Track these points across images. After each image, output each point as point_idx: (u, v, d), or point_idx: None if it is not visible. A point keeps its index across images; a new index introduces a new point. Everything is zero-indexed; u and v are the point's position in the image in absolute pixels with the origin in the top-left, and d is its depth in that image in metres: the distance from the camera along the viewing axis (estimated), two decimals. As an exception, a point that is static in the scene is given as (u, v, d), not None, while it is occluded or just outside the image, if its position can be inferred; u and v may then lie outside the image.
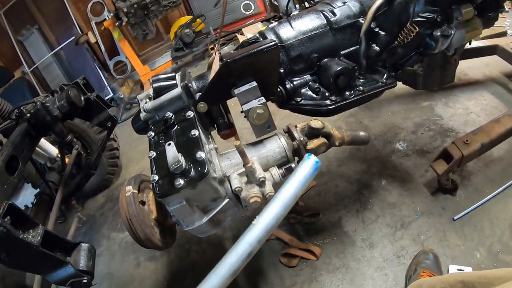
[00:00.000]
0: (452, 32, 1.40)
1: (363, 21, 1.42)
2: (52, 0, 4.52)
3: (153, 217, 1.24)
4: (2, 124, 1.89)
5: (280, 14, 4.41)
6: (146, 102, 1.41)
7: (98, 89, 4.40)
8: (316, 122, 1.32)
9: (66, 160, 2.27)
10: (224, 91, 1.34)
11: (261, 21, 4.51)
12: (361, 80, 1.45)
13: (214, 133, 1.56)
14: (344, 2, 1.47)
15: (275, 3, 4.52)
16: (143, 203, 1.25)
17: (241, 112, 1.29)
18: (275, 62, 1.32)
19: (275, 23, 1.57)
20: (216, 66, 1.47)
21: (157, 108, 1.37)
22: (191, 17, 4.49)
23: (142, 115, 1.41)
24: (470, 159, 1.76)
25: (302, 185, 1.02)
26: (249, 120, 1.25)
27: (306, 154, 1.06)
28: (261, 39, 1.50)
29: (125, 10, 3.88)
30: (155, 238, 1.21)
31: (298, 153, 1.33)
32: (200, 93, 1.40)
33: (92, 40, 4.22)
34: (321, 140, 1.33)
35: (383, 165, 2.18)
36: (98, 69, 4.44)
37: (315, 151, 1.32)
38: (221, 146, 1.54)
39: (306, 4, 3.05)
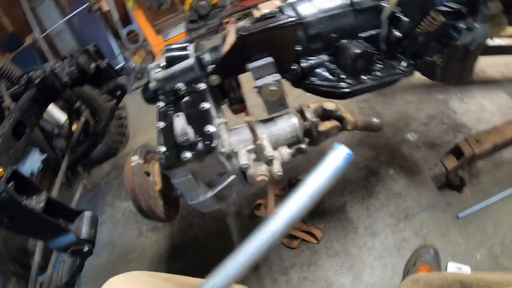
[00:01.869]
0: (477, 25, 1.33)
1: (386, 4, 1.36)
2: (65, -34, 4.44)
3: (158, 188, 1.23)
4: (11, 88, 1.88)
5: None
6: (157, 72, 1.38)
7: (109, 57, 4.34)
8: (330, 104, 1.29)
9: (74, 127, 2.27)
10: (238, 64, 1.30)
11: (279, -2, 4.38)
12: (379, 66, 1.40)
13: (225, 107, 1.53)
14: (369, -18, 1.41)
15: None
16: (148, 174, 1.24)
17: (254, 87, 1.26)
18: (293, 39, 1.28)
19: (294, -1, 1.51)
20: (231, 38, 1.43)
21: (168, 78, 1.34)
22: (208, -11, 4.38)
23: (152, 84, 1.38)
24: (481, 158, 1.73)
25: (331, 177, 0.90)
26: (261, 96, 1.22)
27: (336, 142, 0.96)
28: (279, 14, 1.45)
29: (140, -22, 3.79)
30: (158, 210, 1.20)
31: (309, 133, 1.30)
32: (213, 65, 1.37)
33: (105, 8, 4.14)
34: (334, 123, 1.30)
35: (392, 154, 2.14)
36: (111, 38, 4.38)
37: (326, 133, 1.29)
38: (231, 121, 1.52)
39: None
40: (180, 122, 1.02)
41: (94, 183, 2.82)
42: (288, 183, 2.04)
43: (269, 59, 1.23)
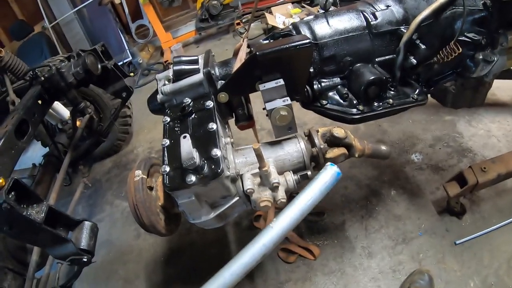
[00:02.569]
0: (495, 58, 1.31)
1: (404, 30, 1.33)
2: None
3: (160, 203, 1.22)
4: (15, 83, 1.86)
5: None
6: (164, 84, 1.36)
7: (117, 51, 4.35)
8: (339, 131, 1.27)
9: (78, 123, 2.25)
10: (249, 83, 1.29)
11: (292, 3, 4.34)
12: (392, 92, 1.38)
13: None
14: (388, 6, 1.38)
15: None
16: (151, 188, 1.23)
17: (263, 109, 1.24)
18: (307, 61, 1.26)
19: (310, 17, 1.48)
20: (242, 54, 1.41)
21: (176, 92, 1.33)
22: (220, -12, 4.34)
23: (159, 96, 1.36)
24: (484, 187, 1.72)
25: (321, 193, 1.03)
26: (271, 120, 1.21)
27: (328, 163, 1.05)
28: (294, 32, 1.43)
29: (153, -27, 3.76)
30: (159, 225, 1.19)
31: (316, 160, 1.29)
32: (222, 81, 1.35)
33: (117, 1, 4.11)
34: (341, 150, 1.28)
35: (396, 174, 2.13)
36: (120, 31, 4.35)
37: (333, 161, 1.28)
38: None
39: None
40: (186, 145, 1.00)
41: (95, 179, 2.81)
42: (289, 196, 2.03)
43: (280, 82, 1.22)
